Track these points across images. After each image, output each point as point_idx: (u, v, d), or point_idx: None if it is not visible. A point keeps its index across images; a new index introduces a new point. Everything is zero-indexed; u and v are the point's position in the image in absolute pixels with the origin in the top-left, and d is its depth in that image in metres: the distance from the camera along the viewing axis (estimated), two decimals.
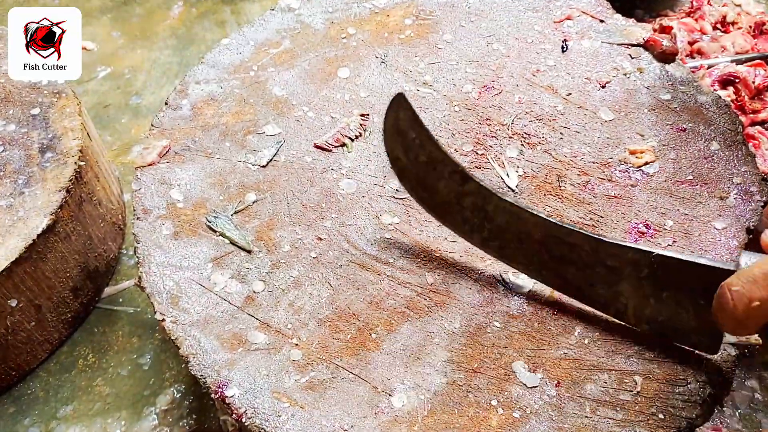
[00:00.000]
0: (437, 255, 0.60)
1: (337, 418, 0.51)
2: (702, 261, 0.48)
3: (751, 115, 0.89)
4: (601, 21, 0.78)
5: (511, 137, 0.68)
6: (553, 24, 0.78)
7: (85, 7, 1.34)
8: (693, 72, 0.75)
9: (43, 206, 0.74)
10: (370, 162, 0.66)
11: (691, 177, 0.64)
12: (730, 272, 0.46)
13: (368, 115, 0.70)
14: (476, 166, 0.65)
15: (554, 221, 0.53)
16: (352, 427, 0.50)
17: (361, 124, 0.69)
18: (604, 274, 0.52)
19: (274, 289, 0.58)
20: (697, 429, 0.51)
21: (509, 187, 0.63)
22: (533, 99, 0.71)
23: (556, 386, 0.52)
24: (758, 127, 0.88)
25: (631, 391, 0.51)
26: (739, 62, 0.97)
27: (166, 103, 0.72)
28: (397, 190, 0.64)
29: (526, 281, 0.58)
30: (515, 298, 0.57)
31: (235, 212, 0.63)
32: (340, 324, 0.56)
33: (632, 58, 0.75)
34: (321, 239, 0.61)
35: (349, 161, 0.67)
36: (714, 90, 0.74)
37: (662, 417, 0.50)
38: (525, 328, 0.55)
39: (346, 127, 0.68)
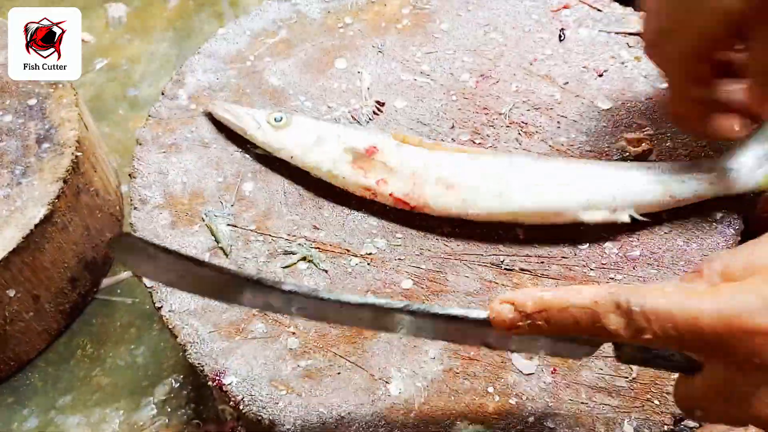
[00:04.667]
0: (434, 243, 0.60)
1: (334, 406, 0.51)
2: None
3: None
4: (599, 10, 0.78)
5: (508, 126, 0.68)
6: (551, 13, 0.78)
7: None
8: None
9: (40, 197, 0.74)
10: None
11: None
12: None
13: (384, 104, 0.70)
14: None
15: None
16: (349, 414, 0.51)
17: (374, 112, 0.69)
18: None
19: (272, 278, 0.58)
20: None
21: None
22: (530, 88, 0.71)
23: (552, 373, 0.52)
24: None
25: (627, 378, 0.51)
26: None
27: (162, 93, 0.72)
28: None
29: (522, 270, 0.58)
30: (511, 286, 0.57)
31: (232, 205, 0.63)
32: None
33: (630, 46, 0.74)
34: (318, 228, 0.61)
35: None
36: None
37: (657, 403, 0.50)
38: None
39: (358, 111, 0.69)
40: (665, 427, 0.49)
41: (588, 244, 0.59)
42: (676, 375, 0.51)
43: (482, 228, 0.60)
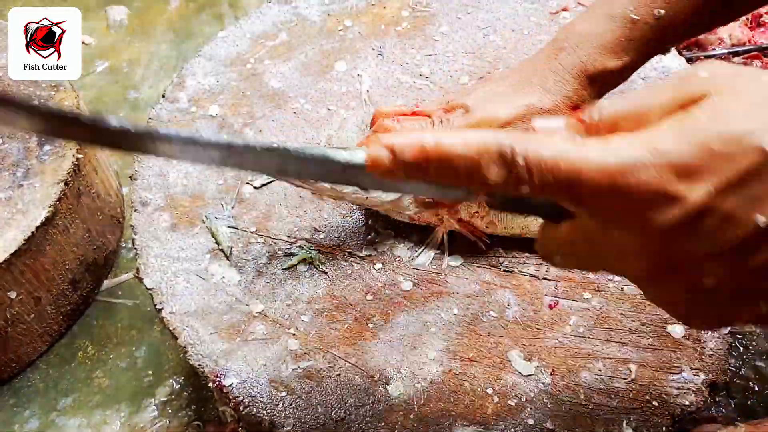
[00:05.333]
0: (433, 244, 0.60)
1: (333, 407, 0.51)
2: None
3: None
4: None
5: None
6: (550, 15, 0.78)
7: (83, 1, 1.35)
8: (689, 63, 0.76)
9: (41, 199, 0.74)
10: None
11: None
12: None
13: None
14: None
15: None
16: (348, 415, 0.51)
17: None
18: None
19: (272, 280, 0.59)
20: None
21: None
22: None
23: (551, 374, 0.52)
24: None
25: (626, 379, 0.51)
26: (735, 54, 0.98)
27: (163, 96, 0.73)
28: None
29: (522, 269, 0.58)
30: (510, 287, 0.57)
31: (233, 207, 0.63)
32: (336, 314, 0.56)
33: None
34: (318, 230, 0.61)
35: None
36: None
37: (656, 404, 0.50)
38: (520, 317, 0.56)
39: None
40: (664, 428, 0.49)
41: None
42: (674, 376, 0.51)
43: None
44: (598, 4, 0.54)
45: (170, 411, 0.78)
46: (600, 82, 0.53)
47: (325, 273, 0.59)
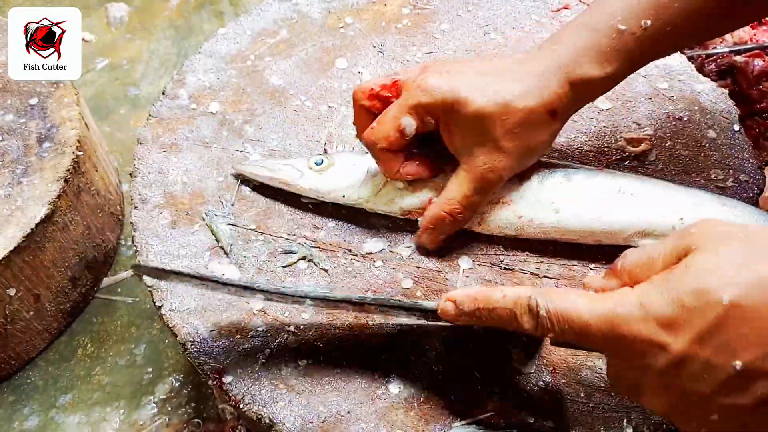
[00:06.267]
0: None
1: (334, 404, 0.51)
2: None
3: (749, 105, 0.89)
4: None
5: None
6: (551, 13, 0.78)
7: None
8: (690, 61, 0.75)
9: (41, 196, 0.74)
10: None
11: (687, 165, 0.64)
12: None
13: None
14: None
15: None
16: (348, 413, 0.51)
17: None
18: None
19: (272, 277, 0.58)
20: None
21: None
22: None
23: (552, 372, 0.52)
24: (756, 117, 0.88)
25: None
26: (737, 53, 0.97)
27: (163, 93, 0.72)
28: None
29: (523, 270, 0.58)
30: (511, 285, 0.57)
31: (232, 204, 0.63)
32: (337, 311, 0.56)
33: None
34: (318, 228, 0.61)
35: None
36: (712, 79, 0.74)
37: None
38: None
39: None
40: (664, 426, 0.49)
41: (587, 244, 0.59)
42: None
43: None
44: (587, 12, 0.54)
45: (170, 408, 0.78)
46: (581, 88, 0.53)
47: (325, 271, 0.59)
